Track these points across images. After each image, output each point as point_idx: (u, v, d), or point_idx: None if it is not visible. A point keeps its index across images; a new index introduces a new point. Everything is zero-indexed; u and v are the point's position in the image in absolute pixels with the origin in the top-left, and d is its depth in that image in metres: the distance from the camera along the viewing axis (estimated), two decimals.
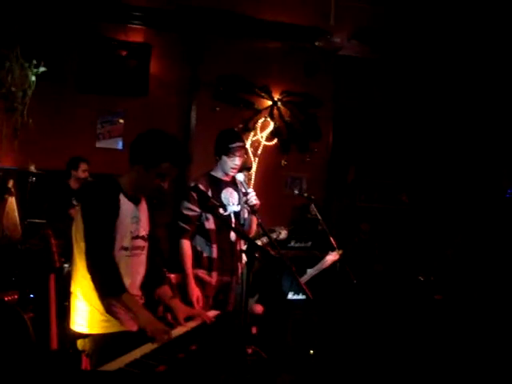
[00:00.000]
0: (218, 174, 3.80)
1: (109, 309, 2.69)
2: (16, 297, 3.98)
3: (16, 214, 5.57)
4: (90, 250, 2.64)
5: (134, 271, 2.83)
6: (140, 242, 2.86)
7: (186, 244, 3.68)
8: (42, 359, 3.48)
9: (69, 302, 2.84)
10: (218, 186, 3.77)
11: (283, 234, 5.19)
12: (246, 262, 3.18)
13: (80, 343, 2.72)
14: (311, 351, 5.24)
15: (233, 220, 3.76)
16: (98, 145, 6.42)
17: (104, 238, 2.64)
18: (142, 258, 2.91)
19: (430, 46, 6.30)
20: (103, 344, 2.66)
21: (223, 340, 2.87)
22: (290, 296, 5.53)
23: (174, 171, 2.74)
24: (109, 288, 2.64)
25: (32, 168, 5.35)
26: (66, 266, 4.82)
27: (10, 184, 5.60)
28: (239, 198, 3.86)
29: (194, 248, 3.74)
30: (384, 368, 4.85)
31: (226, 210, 3.73)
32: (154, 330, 2.54)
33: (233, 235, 3.79)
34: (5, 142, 4.49)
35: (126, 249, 2.76)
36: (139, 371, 2.22)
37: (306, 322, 5.35)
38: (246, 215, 3.92)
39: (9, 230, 5.45)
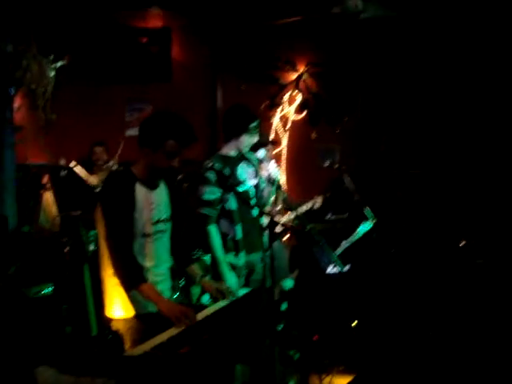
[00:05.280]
0: (230, 152, 3.72)
1: (133, 299, 2.75)
2: None
3: (54, 207, 5.70)
4: (109, 246, 2.71)
5: (157, 254, 2.88)
6: (161, 226, 2.89)
7: (215, 230, 3.60)
8: (82, 346, 3.58)
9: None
10: (232, 163, 3.70)
11: (318, 202, 5.13)
12: (268, 238, 3.15)
13: (114, 324, 2.78)
14: (353, 323, 5.21)
15: (253, 194, 3.70)
16: (127, 133, 6.46)
17: (121, 233, 2.69)
18: (165, 239, 2.95)
19: None
20: (135, 325, 2.72)
21: (252, 318, 2.87)
22: (330, 269, 5.50)
23: (180, 149, 2.75)
24: (128, 281, 2.70)
25: (62, 162, 5.44)
26: None
27: (45, 179, 5.73)
28: (254, 171, 3.79)
29: None
30: (426, 335, 4.78)
31: (244, 185, 3.68)
32: (175, 315, 2.55)
33: (255, 210, 3.72)
34: (33, 139, 4.57)
35: (148, 235, 2.80)
36: (164, 354, 2.24)
37: (346, 294, 5.32)
38: (263, 185, 3.84)
39: (48, 223, 5.60)
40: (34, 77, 4.03)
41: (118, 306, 2.79)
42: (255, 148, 3.72)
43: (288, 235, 6.28)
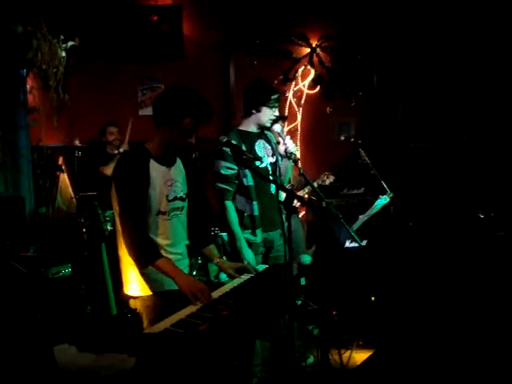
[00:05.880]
0: (250, 128, 3.67)
1: (149, 277, 2.73)
2: None
3: (70, 189, 5.73)
4: (122, 222, 2.67)
5: (174, 232, 2.85)
6: (178, 204, 2.86)
7: (232, 206, 3.57)
8: (101, 325, 3.60)
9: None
10: (250, 139, 3.64)
11: (329, 178, 5.08)
12: (286, 214, 3.12)
13: (131, 303, 2.77)
14: (372, 298, 5.19)
15: (270, 171, 3.66)
16: (141, 113, 6.44)
17: (134, 209, 2.65)
18: (182, 217, 2.92)
19: None
20: (153, 302, 2.70)
21: (271, 293, 2.85)
22: (348, 244, 5.46)
23: (197, 126, 2.70)
24: (143, 258, 2.65)
25: (77, 143, 5.43)
26: None
27: (60, 161, 5.75)
28: (272, 148, 3.75)
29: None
30: (446, 308, 4.75)
31: (262, 162, 3.64)
32: (193, 292, 2.51)
33: (272, 187, 3.69)
34: (46, 120, 4.55)
35: (163, 213, 2.77)
36: (183, 331, 2.23)
37: (364, 269, 5.29)
38: (281, 163, 3.80)
39: (65, 205, 5.63)
40: (44, 57, 4.00)
41: (136, 285, 2.78)
42: (271, 123, 3.67)
43: (304, 211, 6.25)
